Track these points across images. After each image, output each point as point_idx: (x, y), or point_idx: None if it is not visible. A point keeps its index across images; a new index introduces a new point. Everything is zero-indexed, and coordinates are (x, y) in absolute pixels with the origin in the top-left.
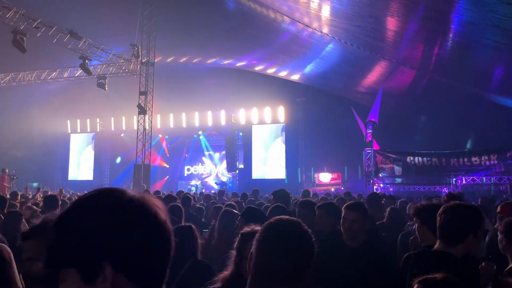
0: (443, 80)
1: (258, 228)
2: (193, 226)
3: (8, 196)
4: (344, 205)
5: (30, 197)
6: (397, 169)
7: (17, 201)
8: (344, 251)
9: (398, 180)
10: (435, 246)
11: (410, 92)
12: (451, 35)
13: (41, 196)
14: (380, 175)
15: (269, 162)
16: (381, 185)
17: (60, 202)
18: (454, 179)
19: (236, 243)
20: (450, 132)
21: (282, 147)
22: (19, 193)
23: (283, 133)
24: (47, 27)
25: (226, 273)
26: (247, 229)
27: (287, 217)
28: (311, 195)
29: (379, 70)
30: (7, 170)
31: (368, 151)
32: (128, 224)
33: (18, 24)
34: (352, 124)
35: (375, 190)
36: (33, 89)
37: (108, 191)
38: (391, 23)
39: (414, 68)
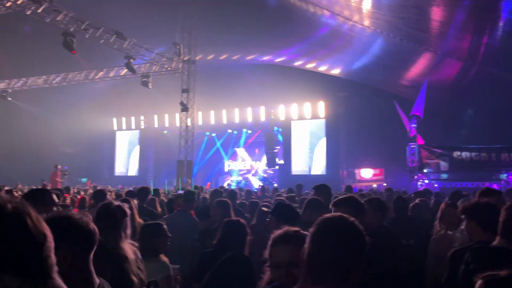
0: (492, 72)
1: (294, 229)
2: (241, 220)
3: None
4: (332, 201)
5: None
6: (443, 165)
7: (70, 195)
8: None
9: (444, 176)
10: (495, 242)
11: (456, 84)
12: (501, 24)
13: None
14: (425, 171)
15: (309, 158)
16: (426, 181)
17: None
18: (506, 174)
19: (267, 248)
20: (499, 125)
21: (323, 142)
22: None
23: (324, 128)
24: (94, 28)
25: (265, 278)
26: (278, 231)
27: (340, 214)
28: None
29: (423, 62)
30: (59, 166)
31: (412, 146)
32: None
33: (68, 27)
34: (395, 118)
35: (419, 186)
36: (82, 88)
37: None
38: (436, 13)
39: (460, 59)
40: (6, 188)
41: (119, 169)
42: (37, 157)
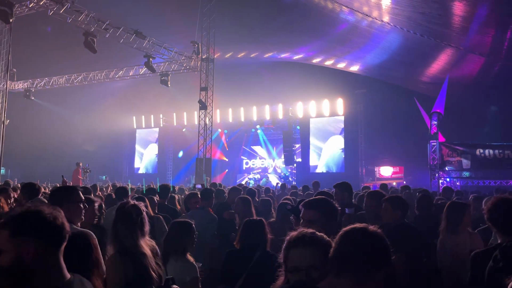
0: None
1: (308, 232)
2: (263, 220)
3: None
4: (302, 202)
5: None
6: (465, 162)
7: (97, 193)
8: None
9: (466, 174)
10: None
11: (479, 80)
12: None
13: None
14: (446, 169)
15: (328, 156)
16: (447, 179)
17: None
18: None
19: (282, 252)
20: None
21: (341, 140)
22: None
23: (342, 125)
24: (114, 28)
25: (279, 281)
26: (293, 234)
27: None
28: (374, 189)
29: (444, 58)
30: (81, 164)
31: (433, 144)
32: None
33: (89, 27)
34: (415, 115)
35: (440, 185)
36: (102, 87)
37: None
38: (458, 8)
39: (483, 55)
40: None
41: (139, 167)
42: (59, 155)
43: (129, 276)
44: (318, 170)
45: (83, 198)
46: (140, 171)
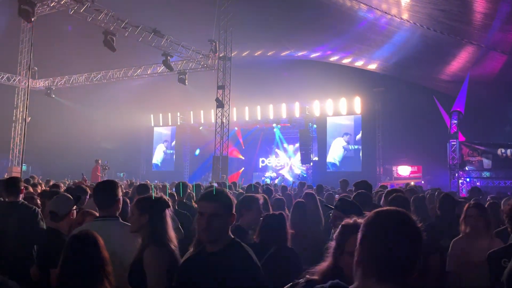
0: None
1: (360, 220)
2: (283, 214)
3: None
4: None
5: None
6: (486, 162)
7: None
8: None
9: (487, 174)
10: None
11: (500, 79)
12: None
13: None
14: (466, 169)
15: (345, 154)
16: (467, 179)
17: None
18: None
19: (337, 235)
20: None
21: (359, 139)
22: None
23: (360, 124)
24: (133, 26)
25: (324, 265)
26: (348, 220)
27: (395, 208)
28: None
29: (465, 56)
30: (100, 161)
31: (453, 143)
32: None
33: (108, 26)
34: (434, 114)
35: (460, 185)
36: (121, 85)
37: None
38: (480, 5)
39: (505, 52)
40: (51, 182)
41: (156, 164)
42: (79, 152)
43: (167, 268)
44: (334, 169)
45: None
46: (158, 169)
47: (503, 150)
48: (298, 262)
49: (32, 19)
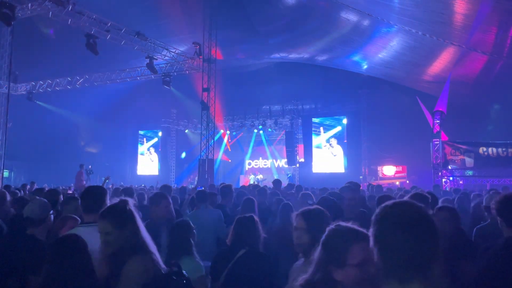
0: None
1: (347, 225)
2: (254, 217)
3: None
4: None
5: None
6: (469, 161)
7: None
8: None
9: (469, 172)
10: None
11: (481, 79)
12: None
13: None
14: (450, 168)
15: (330, 156)
16: (450, 178)
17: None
18: None
19: (329, 243)
20: None
21: (344, 139)
22: None
23: (345, 125)
24: (116, 29)
25: (312, 277)
26: (342, 224)
27: (407, 200)
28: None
29: (446, 57)
30: (84, 166)
31: (436, 143)
32: None
33: (91, 28)
34: (418, 114)
35: (443, 183)
36: (105, 89)
37: None
38: (460, 6)
39: (486, 53)
40: (36, 187)
41: (141, 169)
42: (62, 157)
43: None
44: (320, 171)
45: None
46: (143, 173)
47: (484, 149)
48: (266, 266)
49: (12, 23)
